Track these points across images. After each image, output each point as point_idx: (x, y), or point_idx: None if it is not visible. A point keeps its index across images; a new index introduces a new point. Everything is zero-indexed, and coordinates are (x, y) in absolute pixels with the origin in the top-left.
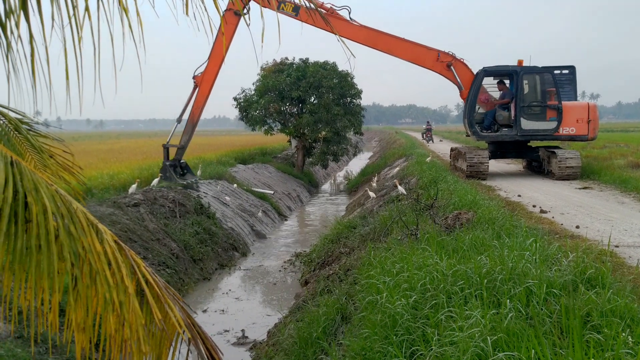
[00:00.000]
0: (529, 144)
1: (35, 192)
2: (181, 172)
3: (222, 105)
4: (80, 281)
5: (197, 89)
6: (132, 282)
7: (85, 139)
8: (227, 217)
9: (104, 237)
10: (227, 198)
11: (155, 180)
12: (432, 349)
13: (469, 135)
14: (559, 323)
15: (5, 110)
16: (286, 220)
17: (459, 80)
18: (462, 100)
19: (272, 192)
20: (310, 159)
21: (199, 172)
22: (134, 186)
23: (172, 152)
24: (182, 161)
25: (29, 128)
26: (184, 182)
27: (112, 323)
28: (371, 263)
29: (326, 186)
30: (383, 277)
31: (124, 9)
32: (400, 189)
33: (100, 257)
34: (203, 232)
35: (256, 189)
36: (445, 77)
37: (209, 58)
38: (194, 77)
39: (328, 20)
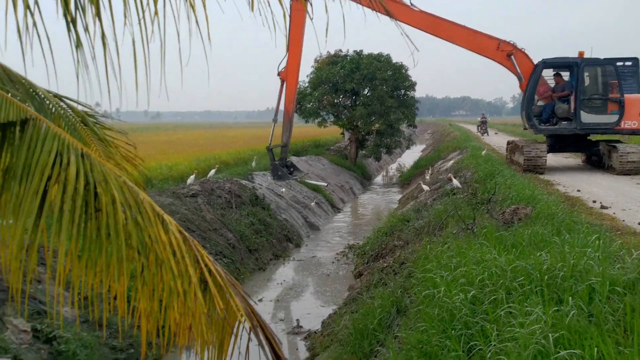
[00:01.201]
0: (588, 137)
1: (104, 183)
2: (289, 171)
3: (274, 96)
4: (146, 269)
5: (284, 83)
6: (196, 272)
7: (143, 130)
8: (281, 209)
9: (170, 228)
10: (283, 190)
11: (212, 171)
12: (491, 345)
13: (526, 129)
14: (623, 322)
15: (74, 104)
16: (339, 212)
17: (518, 70)
18: (521, 91)
19: (325, 184)
20: (363, 152)
21: (253, 164)
22: (191, 177)
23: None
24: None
25: (95, 121)
26: (296, 179)
27: (177, 310)
28: (427, 257)
29: (379, 179)
30: (440, 271)
31: (192, 6)
32: (455, 182)
33: (166, 247)
34: (258, 223)
35: (309, 181)
36: (505, 67)
37: (287, 50)
38: (278, 74)
39: (387, 3)
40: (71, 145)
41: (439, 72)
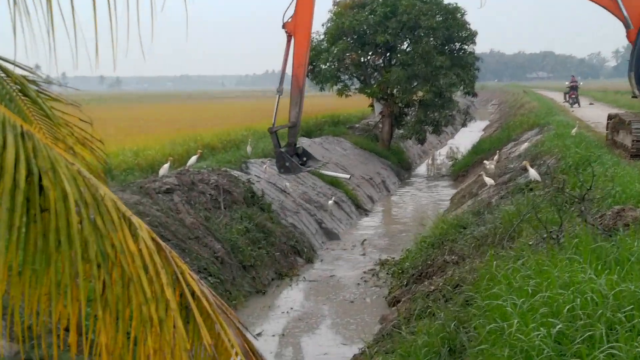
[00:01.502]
0: None
1: (52, 173)
2: (301, 161)
3: (273, 57)
4: (109, 289)
5: (292, 39)
6: (176, 294)
7: (99, 102)
8: (287, 210)
9: (140, 234)
10: (287, 184)
11: (193, 159)
12: None
13: (635, 97)
14: None
15: (8, 66)
16: (366, 214)
17: (626, 13)
18: (629, 43)
19: (348, 176)
20: (401, 131)
21: (249, 149)
22: (165, 166)
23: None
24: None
25: (38, 89)
26: (310, 171)
27: (150, 346)
28: (493, 277)
29: (422, 168)
30: (511, 297)
31: None
32: (533, 173)
33: (135, 260)
34: (255, 229)
35: (326, 172)
36: (606, 9)
37: None
38: (283, 26)
39: None
40: (7, 121)
41: (510, 19)
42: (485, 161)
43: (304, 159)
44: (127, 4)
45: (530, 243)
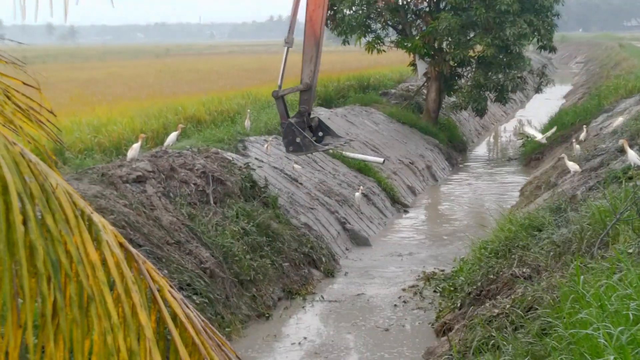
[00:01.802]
0: None
1: None
2: (315, 137)
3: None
4: (62, 312)
5: None
6: (151, 318)
7: (48, 59)
8: (298, 205)
9: (103, 238)
10: (298, 167)
11: (172, 136)
12: None
13: None
14: None
15: None
16: (406, 211)
17: None
18: None
19: (382, 159)
20: (453, 99)
21: (247, 123)
22: (135, 147)
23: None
24: (311, 115)
25: None
26: (328, 150)
27: None
28: (579, 298)
29: (481, 149)
30: (605, 325)
31: None
32: (632, 155)
33: (97, 272)
34: (256, 231)
35: (351, 154)
36: None
37: None
38: None
39: None
40: None
41: None
42: (575, 137)
43: (320, 134)
44: None
45: (630, 251)
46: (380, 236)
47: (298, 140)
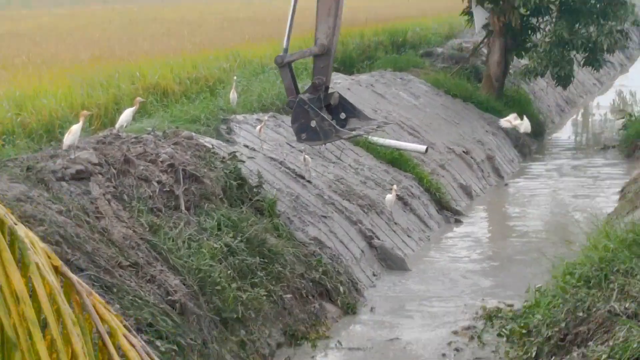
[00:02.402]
0: None
1: None
2: (334, 118)
3: None
4: None
5: None
6: None
7: None
8: (305, 212)
9: (31, 259)
10: (307, 159)
11: (128, 114)
12: None
13: None
14: None
15: None
16: (458, 221)
17: None
18: None
19: (424, 147)
20: (524, 61)
21: (232, 95)
22: (74, 129)
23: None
24: (331, 86)
25: None
26: (356, 136)
27: None
28: None
29: (564, 132)
30: None
31: None
32: None
33: (22, 306)
34: (246, 249)
35: (381, 140)
36: None
37: None
38: None
39: None
40: None
41: None
42: None
43: (342, 115)
44: None
45: None
46: (421, 256)
47: (313, 124)
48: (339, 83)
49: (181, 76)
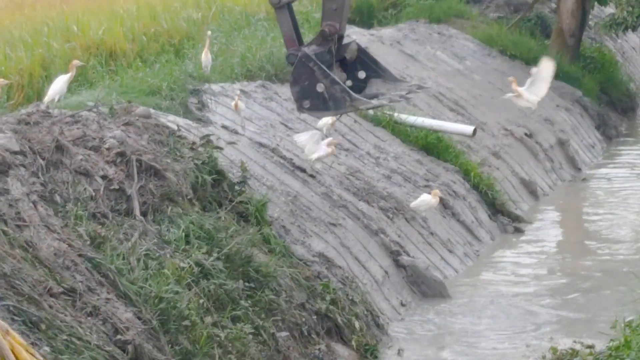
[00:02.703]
0: None
1: None
2: (349, 78)
3: None
4: None
5: None
6: None
7: None
8: (307, 218)
9: None
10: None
11: (61, 82)
12: None
13: None
14: None
15: None
16: (519, 229)
17: None
18: None
19: (471, 128)
20: (608, 11)
21: (205, 57)
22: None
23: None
24: (345, 39)
25: None
26: (380, 105)
27: None
28: None
29: None
30: None
31: None
32: None
33: None
34: (225, 269)
35: (412, 118)
36: None
37: None
38: None
39: None
40: None
41: None
42: None
43: (362, 74)
44: None
45: None
46: (467, 277)
47: (320, 88)
48: (354, 40)
49: (135, 31)
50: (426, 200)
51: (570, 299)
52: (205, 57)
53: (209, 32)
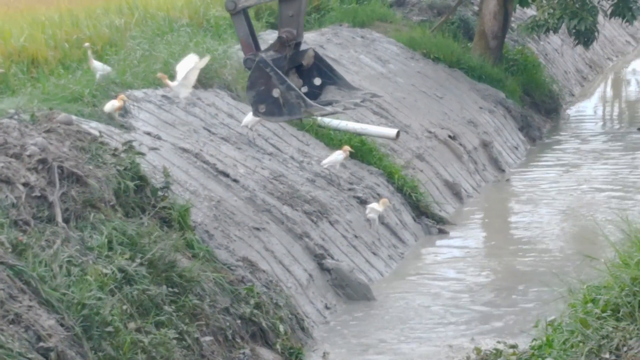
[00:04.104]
0: None
1: None
2: (306, 84)
3: None
4: None
5: None
6: None
7: None
8: (231, 223)
9: None
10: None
11: None
12: None
13: None
14: None
15: None
16: (443, 231)
17: None
18: None
19: (394, 131)
20: (531, 13)
21: (96, 67)
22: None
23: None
24: (302, 45)
25: None
26: (332, 111)
27: None
28: None
29: (586, 107)
30: None
31: None
32: None
33: None
34: (149, 275)
35: (335, 121)
36: None
37: None
38: None
39: None
40: None
41: None
42: None
43: (317, 80)
44: None
45: None
46: (392, 280)
47: (276, 93)
48: (311, 47)
49: (57, 38)
50: (374, 211)
51: (494, 299)
52: (97, 67)
53: (87, 44)
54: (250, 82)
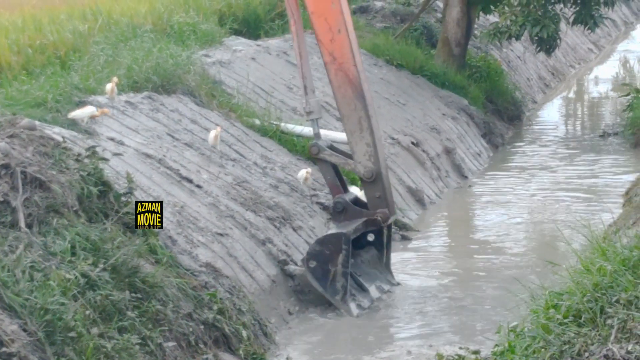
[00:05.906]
0: None
1: None
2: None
3: None
4: None
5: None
6: None
7: None
8: (194, 228)
9: None
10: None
11: None
12: None
13: None
14: None
15: None
16: (406, 237)
17: None
18: None
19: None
20: (494, 20)
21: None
22: None
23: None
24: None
25: None
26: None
27: None
28: None
29: (548, 114)
30: None
31: None
32: None
33: None
34: (112, 280)
35: (297, 128)
36: None
37: None
38: None
39: None
40: None
41: None
42: None
43: (372, 240)
44: None
45: None
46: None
47: (332, 268)
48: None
49: (20, 43)
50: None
51: (455, 305)
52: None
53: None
54: (325, 237)
